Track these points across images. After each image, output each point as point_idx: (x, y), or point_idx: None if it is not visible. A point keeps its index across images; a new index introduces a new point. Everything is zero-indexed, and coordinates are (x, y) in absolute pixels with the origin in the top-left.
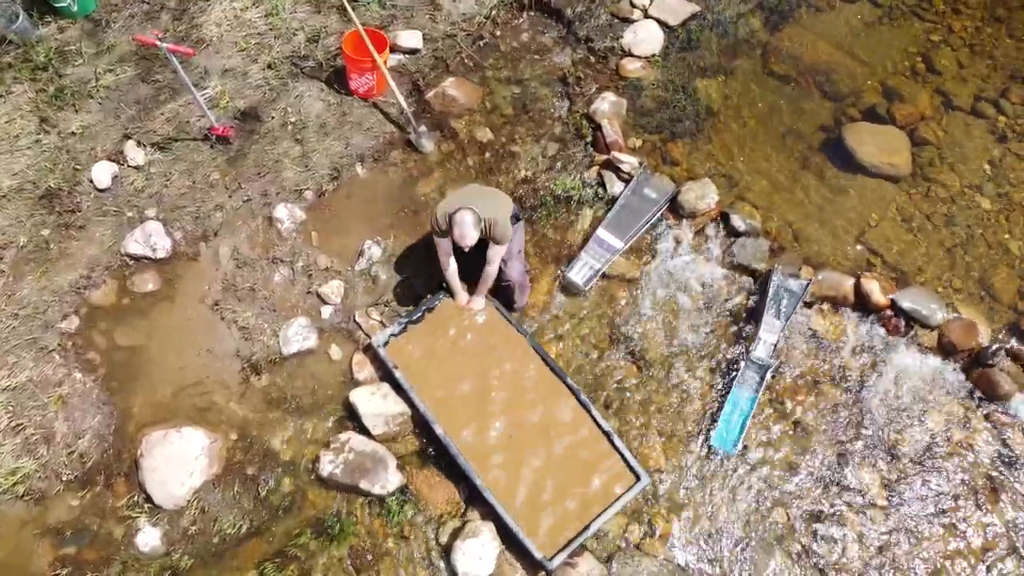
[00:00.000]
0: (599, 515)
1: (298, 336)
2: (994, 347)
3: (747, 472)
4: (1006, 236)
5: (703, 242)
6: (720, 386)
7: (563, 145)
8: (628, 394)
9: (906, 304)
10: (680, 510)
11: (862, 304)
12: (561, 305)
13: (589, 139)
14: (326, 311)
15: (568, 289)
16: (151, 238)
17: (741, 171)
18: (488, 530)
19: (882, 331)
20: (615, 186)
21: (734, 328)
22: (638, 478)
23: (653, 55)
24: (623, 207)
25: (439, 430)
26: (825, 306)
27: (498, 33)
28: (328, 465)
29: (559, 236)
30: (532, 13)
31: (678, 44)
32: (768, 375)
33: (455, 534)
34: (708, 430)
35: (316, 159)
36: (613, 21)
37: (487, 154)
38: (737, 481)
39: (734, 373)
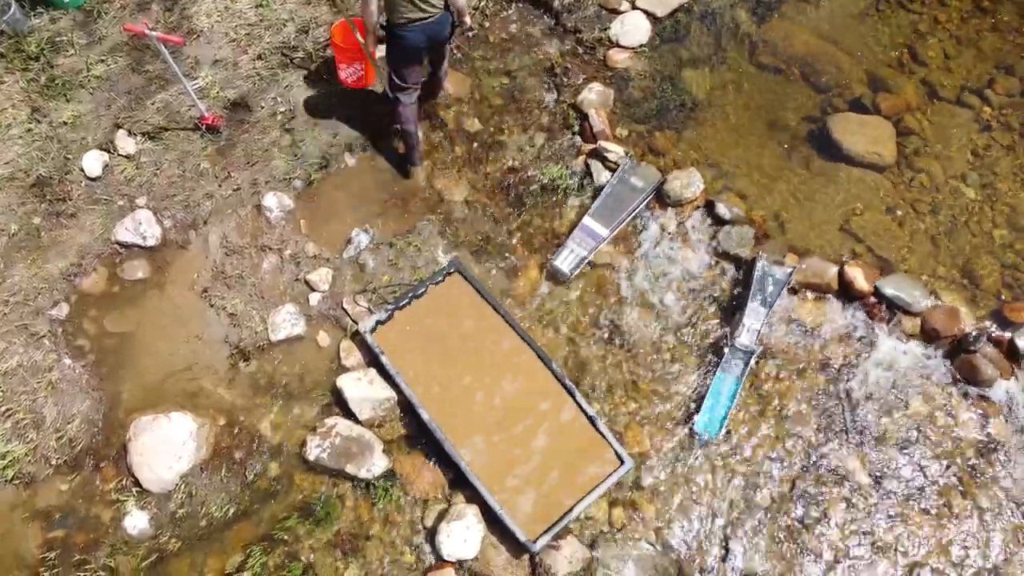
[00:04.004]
0: (582, 498)
1: (286, 323)
2: (976, 333)
3: (731, 457)
4: (990, 225)
5: (688, 230)
6: (704, 372)
7: (550, 135)
8: (613, 380)
9: (889, 291)
10: (664, 494)
11: (846, 291)
12: (547, 292)
13: (576, 129)
14: (314, 298)
15: (554, 276)
16: (141, 226)
17: (727, 160)
18: (473, 513)
19: (866, 318)
20: (601, 175)
21: (718, 315)
22: (622, 462)
23: (640, 46)
24: (609, 196)
25: (425, 415)
26: (809, 293)
27: (487, 24)
28: (315, 449)
29: (546, 224)
30: (520, 4)
31: (665, 35)
32: (752, 361)
33: (440, 517)
34: (692, 415)
35: (305, 148)
36: (601, 12)
37: (475, 144)
38: (721, 466)
39: (718, 359)
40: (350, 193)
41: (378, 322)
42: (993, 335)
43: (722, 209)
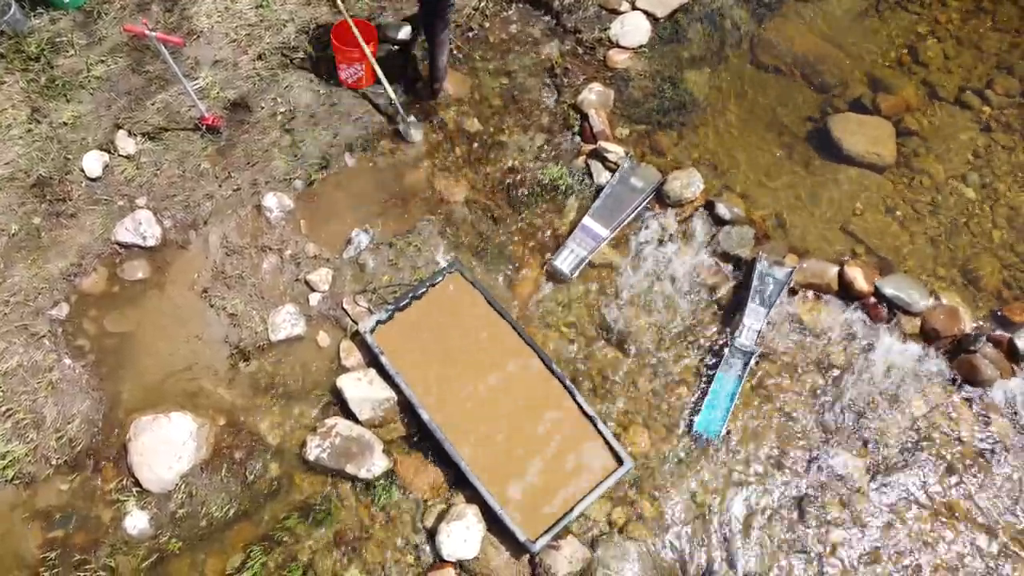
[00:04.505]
0: (583, 498)
1: (286, 323)
2: (976, 333)
3: (731, 457)
4: (989, 225)
5: (688, 231)
6: (704, 372)
7: (550, 135)
8: (613, 380)
9: (889, 291)
10: (664, 495)
11: (846, 291)
12: (547, 293)
13: (576, 129)
14: (314, 298)
15: (554, 277)
16: (141, 226)
17: (727, 161)
18: (473, 513)
19: (865, 318)
20: (601, 175)
21: (718, 315)
22: (621, 463)
23: (640, 46)
24: (609, 196)
25: (425, 415)
26: (809, 293)
27: (487, 24)
28: (315, 449)
29: (546, 224)
30: (521, 5)
31: (665, 35)
32: (752, 361)
33: (440, 517)
34: (692, 416)
35: (305, 149)
36: (601, 12)
37: (475, 144)
38: (721, 466)
39: (718, 359)
40: (350, 193)
41: (378, 322)
42: (993, 335)
43: (722, 209)
